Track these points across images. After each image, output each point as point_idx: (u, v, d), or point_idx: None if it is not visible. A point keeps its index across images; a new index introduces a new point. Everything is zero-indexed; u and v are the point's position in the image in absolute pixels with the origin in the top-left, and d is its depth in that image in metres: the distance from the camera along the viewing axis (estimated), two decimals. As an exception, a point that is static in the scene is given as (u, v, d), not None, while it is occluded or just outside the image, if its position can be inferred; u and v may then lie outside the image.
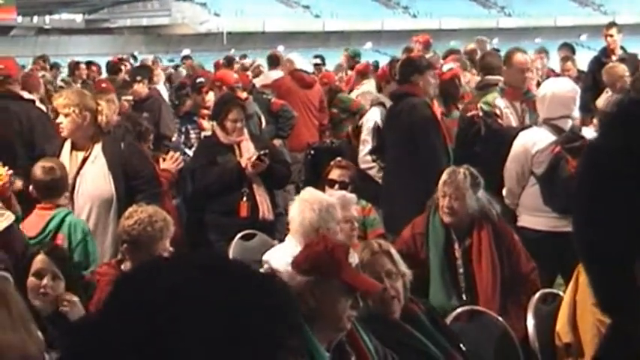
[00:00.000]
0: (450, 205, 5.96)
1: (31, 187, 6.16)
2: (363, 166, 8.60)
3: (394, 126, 8.05)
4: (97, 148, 6.66)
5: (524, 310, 5.57)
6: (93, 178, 6.53)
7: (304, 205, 5.69)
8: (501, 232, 6.03)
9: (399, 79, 8.37)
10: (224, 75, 10.96)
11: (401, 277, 4.75)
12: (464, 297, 5.91)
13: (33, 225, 5.98)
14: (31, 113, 7.75)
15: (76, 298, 4.83)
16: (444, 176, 6.06)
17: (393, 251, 4.85)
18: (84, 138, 6.68)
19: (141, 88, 10.90)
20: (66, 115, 6.60)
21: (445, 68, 9.57)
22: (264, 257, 5.85)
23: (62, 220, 6.02)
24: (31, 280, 4.78)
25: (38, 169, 6.11)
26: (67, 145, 6.71)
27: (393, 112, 8.14)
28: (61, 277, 4.85)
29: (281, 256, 5.51)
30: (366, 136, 8.65)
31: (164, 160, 7.79)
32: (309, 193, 5.92)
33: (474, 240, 5.95)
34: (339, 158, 7.61)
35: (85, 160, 6.63)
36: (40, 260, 4.84)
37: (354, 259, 4.46)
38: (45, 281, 4.79)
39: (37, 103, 8.93)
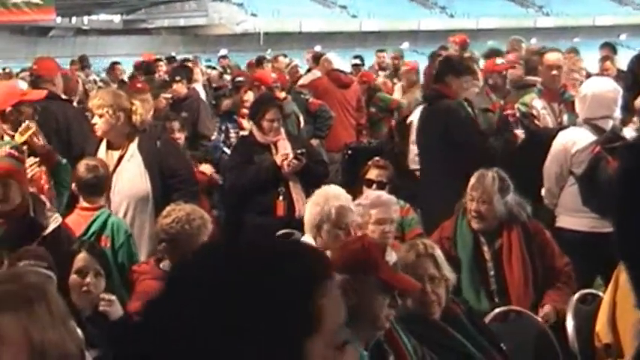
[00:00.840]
0: (477, 209, 5.90)
1: (73, 185, 6.18)
2: (413, 166, 8.56)
3: (430, 127, 7.95)
4: (133, 146, 6.69)
5: (565, 295, 5.60)
6: (129, 176, 6.55)
7: (312, 200, 5.71)
8: (532, 231, 5.97)
9: (435, 77, 8.29)
10: (262, 75, 10.99)
11: (444, 281, 4.70)
12: (496, 299, 5.86)
13: (75, 226, 5.96)
14: (68, 112, 7.77)
15: (114, 297, 4.84)
16: (472, 180, 5.99)
17: (438, 254, 4.79)
18: (119, 137, 6.72)
19: (180, 88, 10.92)
20: (100, 116, 6.64)
21: (498, 61, 9.47)
22: None
23: (105, 222, 6.04)
24: (74, 277, 4.78)
25: (82, 167, 6.13)
26: (103, 144, 6.75)
27: (428, 112, 8.07)
28: (102, 274, 4.86)
29: None
30: (413, 136, 8.61)
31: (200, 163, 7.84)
32: (323, 189, 5.90)
33: (504, 242, 5.89)
34: (376, 158, 7.52)
35: (120, 158, 6.66)
36: (82, 258, 4.84)
37: (391, 257, 4.44)
38: (88, 279, 4.79)
39: (75, 104, 8.99)
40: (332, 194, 5.71)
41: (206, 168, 7.86)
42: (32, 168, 6.13)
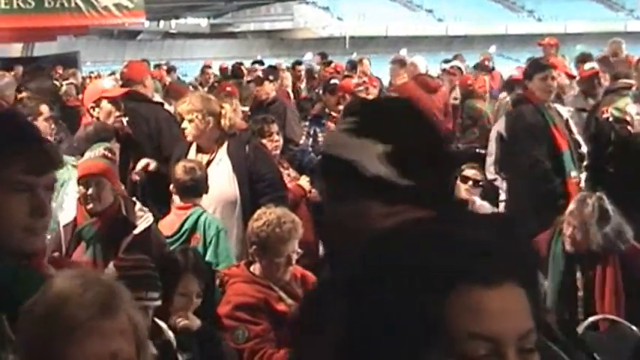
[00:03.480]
0: (572, 236, 5.75)
1: (171, 186, 6.25)
2: (489, 176, 8.51)
3: (508, 134, 7.92)
4: (222, 150, 6.71)
5: None
6: (218, 180, 6.53)
7: None
8: (629, 259, 5.76)
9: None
10: (345, 84, 10.96)
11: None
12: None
13: (170, 224, 6.08)
14: (159, 115, 7.85)
15: (185, 321, 4.76)
16: (572, 205, 5.84)
17: None
18: (208, 141, 6.73)
19: (270, 88, 10.92)
20: (190, 121, 6.66)
21: (586, 67, 9.39)
22: None
23: (197, 220, 6.08)
24: (180, 299, 4.77)
25: (179, 169, 6.19)
26: (193, 147, 6.78)
27: (508, 119, 8.05)
28: (201, 294, 4.85)
29: None
30: (490, 146, 8.56)
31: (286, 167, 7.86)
32: None
33: (598, 272, 5.71)
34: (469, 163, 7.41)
35: (209, 162, 6.67)
36: (189, 281, 4.83)
37: None
38: (194, 302, 4.81)
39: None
40: None
41: (304, 183, 7.84)
42: None
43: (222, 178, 6.57)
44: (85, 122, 7.92)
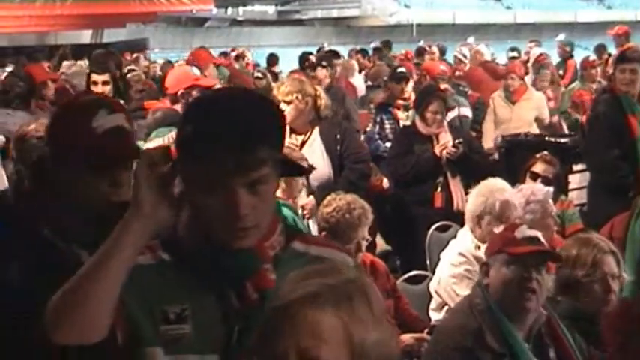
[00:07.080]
0: None
1: None
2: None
3: (587, 123, 8.00)
4: (315, 132, 6.82)
5: None
6: (312, 160, 6.54)
7: (476, 191, 5.69)
8: None
9: None
10: (431, 65, 10.97)
11: (619, 280, 4.53)
12: None
13: None
14: None
15: None
16: None
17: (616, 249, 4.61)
18: (304, 123, 6.83)
19: (322, 74, 10.90)
20: (288, 103, 6.73)
21: None
22: (442, 254, 5.79)
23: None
24: None
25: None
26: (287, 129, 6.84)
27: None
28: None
29: (453, 249, 5.53)
30: None
31: None
32: (489, 182, 5.85)
33: None
34: (545, 152, 7.27)
35: (304, 143, 6.78)
36: None
37: (523, 233, 4.22)
38: None
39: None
40: (497, 187, 5.66)
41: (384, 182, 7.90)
42: None
43: (318, 158, 6.67)
44: (149, 107, 7.90)
